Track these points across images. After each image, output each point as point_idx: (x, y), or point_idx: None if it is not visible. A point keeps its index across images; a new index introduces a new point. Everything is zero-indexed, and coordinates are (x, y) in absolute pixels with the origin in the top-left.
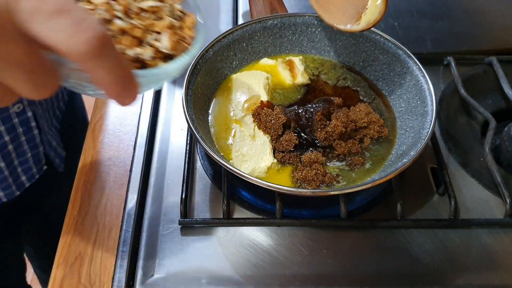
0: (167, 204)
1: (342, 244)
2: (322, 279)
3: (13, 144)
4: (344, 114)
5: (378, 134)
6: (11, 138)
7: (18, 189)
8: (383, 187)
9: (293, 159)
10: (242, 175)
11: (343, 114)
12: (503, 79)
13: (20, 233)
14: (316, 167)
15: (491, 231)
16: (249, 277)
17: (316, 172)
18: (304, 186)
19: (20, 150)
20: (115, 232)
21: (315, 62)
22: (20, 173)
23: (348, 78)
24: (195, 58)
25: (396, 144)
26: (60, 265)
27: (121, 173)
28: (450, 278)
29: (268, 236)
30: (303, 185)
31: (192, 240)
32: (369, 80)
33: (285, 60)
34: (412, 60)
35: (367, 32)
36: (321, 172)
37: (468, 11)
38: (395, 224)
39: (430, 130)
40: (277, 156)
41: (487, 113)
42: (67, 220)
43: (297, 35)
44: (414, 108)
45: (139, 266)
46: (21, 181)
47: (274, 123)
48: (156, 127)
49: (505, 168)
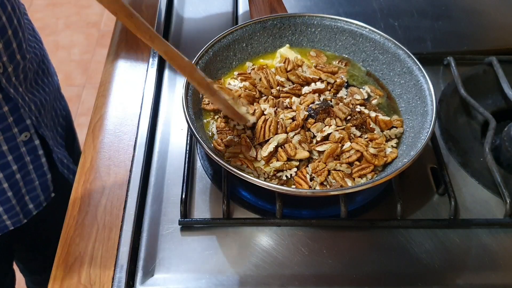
0: (167, 204)
1: (342, 244)
2: (322, 279)
3: (21, 173)
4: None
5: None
6: (19, 167)
7: (25, 217)
8: (383, 187)
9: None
10: (242, 175)
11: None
12: (503, 79)
13: (13, 251)
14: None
15: (491, 231)
16: (249, 277)
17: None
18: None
19: (27, 179)
20: (115, 232)
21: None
22: (27, 201)
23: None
24: (195, 58)
25: None
26: (60, 265)
27: (121, 173)
28: (450, 278)
29: (268, 236)
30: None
31: (192, 240)
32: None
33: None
34: (412, 60)
35: (367, 31)
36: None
37: (468, 11)
38: (395, 224)
39: (430, 130)
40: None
41: (487, 113)
42: (67, 220)
43: (297, 35)
44: (414, 108)
45: (139, 266)
46: (29, 209)
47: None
48: (156, 127)
49: (505, 168)
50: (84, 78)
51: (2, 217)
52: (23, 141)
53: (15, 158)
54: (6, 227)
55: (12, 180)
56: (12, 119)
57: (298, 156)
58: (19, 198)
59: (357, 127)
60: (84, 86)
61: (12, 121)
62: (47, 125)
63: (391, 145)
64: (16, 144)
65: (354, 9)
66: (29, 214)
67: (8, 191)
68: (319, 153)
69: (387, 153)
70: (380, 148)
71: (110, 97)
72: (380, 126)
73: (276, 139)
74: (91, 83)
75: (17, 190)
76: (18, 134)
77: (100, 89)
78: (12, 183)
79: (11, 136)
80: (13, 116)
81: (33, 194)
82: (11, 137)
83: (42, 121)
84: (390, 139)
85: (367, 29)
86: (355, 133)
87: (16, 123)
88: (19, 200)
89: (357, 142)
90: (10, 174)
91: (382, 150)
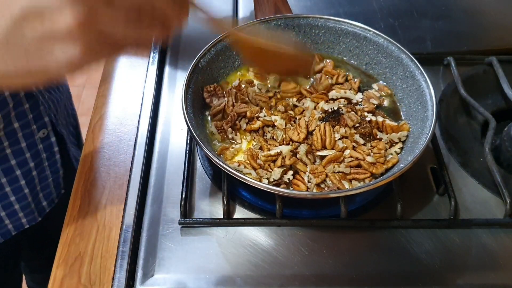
0: (167, 204)
1: (342, 244)
2: (322, 279)
3: (37, 169)
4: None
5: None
6: (36, 164)
7: (40, 215)
8: (383, 187)
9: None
10: (241, 177)
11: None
12: (503, 79)
13: (20, 250)
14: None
15: (491, 231)
16: (249, 277)
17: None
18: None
19: (42, 176)
20: (115, 232)
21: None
22: (41, 198)
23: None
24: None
25: None
26: (60, 265)
27: (121, 173)
28: (450, 278)
29: (268, 236)
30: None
31: (192, 240)
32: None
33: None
34: (414, 64)
35: (371, 35)
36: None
37: (468, 11)
38: (395, 224)
39: (429, 135)
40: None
41: (487, 113)
42: (67, 220)
43: (301, 36)
44: (415, 113)
45: (139, 266)
46: (43, 206)
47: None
48: (156, 127)
49: (505, 168)
50: (84, 78)
51: (19, 214)
52: (41, 138)
53: (33, 155)
54: (22, 225)
55: (29, 177)
56: (31, 116)
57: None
58: (34, 195)
59: (362, 135)
60: (84, 86)
61: (31, 118)
62: (62, 123)
63: (394, 150)
64: (34, 141)
65: (354, 9)
66: (43, 212)
67: (25, 188)
68: (320, 157)
69: (388, 159)
70: (380, 154)
71: (110, 97)
72: (386, 131)
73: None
74: (91, 83)
75: (33, 187)
76: (36, 131)
77: (100, 89)
78: (29, 180)
79: (30, 133)
80: (33, 113)
81: (46, 191)
82: (30, 134)
83: (59, 118)
84: (395, 143)
85: (371, 32)
86: (359, 140)
87: (35, 120)
88: (34, 197)
89: (358, 150)
90: (28, 171)
91: (382, 156)
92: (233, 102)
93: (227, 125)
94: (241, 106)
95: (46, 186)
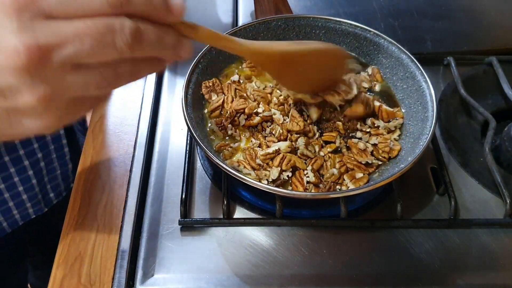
0: (167, 204)
1: (342, 244)
2: (322, 279)
3: (45, 160)
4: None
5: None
6: (44, 155)
7: (46, 206)
8: (383, 187)
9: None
10: (240, 177)
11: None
12: (503, 79)
13: (26, 244)
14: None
15: (491, 231)
16: (249, 277)
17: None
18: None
19: (50, 167)
20: (115, 232)
21: None
22: (49, 190)
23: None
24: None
25: None
26: (60, 265)
27: (121, 173)
28: (450, 278)
29: (268, 236)
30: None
31: (192, 240)
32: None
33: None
34: (415, 64)
35: (371, 35)
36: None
37: (468, 11)
38: (395, 224)
39: (429, 136)
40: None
41: (487, 113)
42: (67, 220)
43: (301, 36)
44: (415, 114)
45: (139, 266)
46: (50, 197)
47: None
48: (156, 127)
49: (505, 168)
50: None
51: (26, 204)
52: None
53: (41, 146)
54: (29, 215)
55: (37, 168)
56: None
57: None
58: (41, 186)
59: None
60: None
61: None
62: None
63: (393, 137)
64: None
65: (354, 9)
66: (50, 203)
67: (33, 179)
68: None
69: (391, 146)
70: (386, 144)
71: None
72: (382, 117)
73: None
74: None
75: (40, 178)
76: None
77: None
78: (37, 170)
79: None
80: None
81: (54, 183)
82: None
83: None
84: (391, 131)
85: (371, 32)
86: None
87: None
88: (41, 188)
89: (349, 155)
90: (35, 162)
91: (387, 146)
92: (232, 98)
93: (226, 122)
94: (239, 102)
95: (54, 178)
